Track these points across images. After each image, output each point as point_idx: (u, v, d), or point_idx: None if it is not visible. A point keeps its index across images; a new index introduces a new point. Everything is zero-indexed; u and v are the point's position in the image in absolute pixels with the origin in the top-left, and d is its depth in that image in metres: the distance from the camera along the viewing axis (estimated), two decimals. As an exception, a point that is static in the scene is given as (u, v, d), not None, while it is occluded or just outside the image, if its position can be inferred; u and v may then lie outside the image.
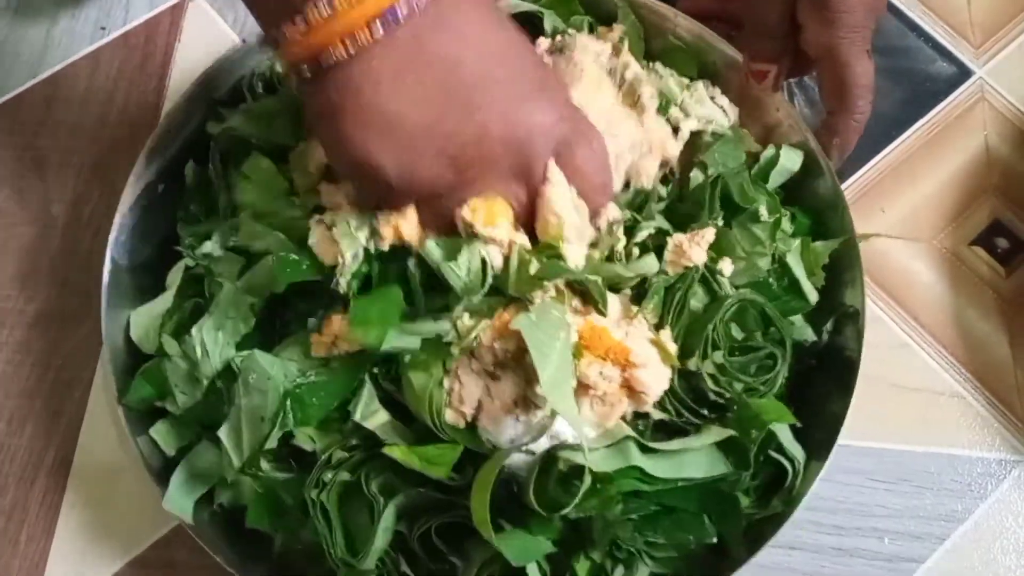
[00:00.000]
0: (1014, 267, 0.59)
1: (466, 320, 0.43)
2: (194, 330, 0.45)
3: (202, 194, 0.51)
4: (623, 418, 0.44)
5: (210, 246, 0.47)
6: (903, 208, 0.60)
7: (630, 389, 0.43)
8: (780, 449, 0.46)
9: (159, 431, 0.47)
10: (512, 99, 0.40)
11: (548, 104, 0.41)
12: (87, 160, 0.61)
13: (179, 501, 0.46)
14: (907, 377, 0.56)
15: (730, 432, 0.44)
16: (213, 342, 0.45)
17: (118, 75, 0.64)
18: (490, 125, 0.39)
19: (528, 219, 0.43)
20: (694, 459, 0.44)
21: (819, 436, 0.47)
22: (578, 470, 0.41)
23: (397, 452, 0.42)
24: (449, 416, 0.43)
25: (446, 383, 0.43)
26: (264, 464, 0.44)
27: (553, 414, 0.43)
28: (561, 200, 0.42)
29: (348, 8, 0.36)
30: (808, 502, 0.52)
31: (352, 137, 0.39)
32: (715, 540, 0.44)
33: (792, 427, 0.46)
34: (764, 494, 0.46)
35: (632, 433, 0.43)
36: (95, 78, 0.64)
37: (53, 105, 0.63)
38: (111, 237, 0.50)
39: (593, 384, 0.43)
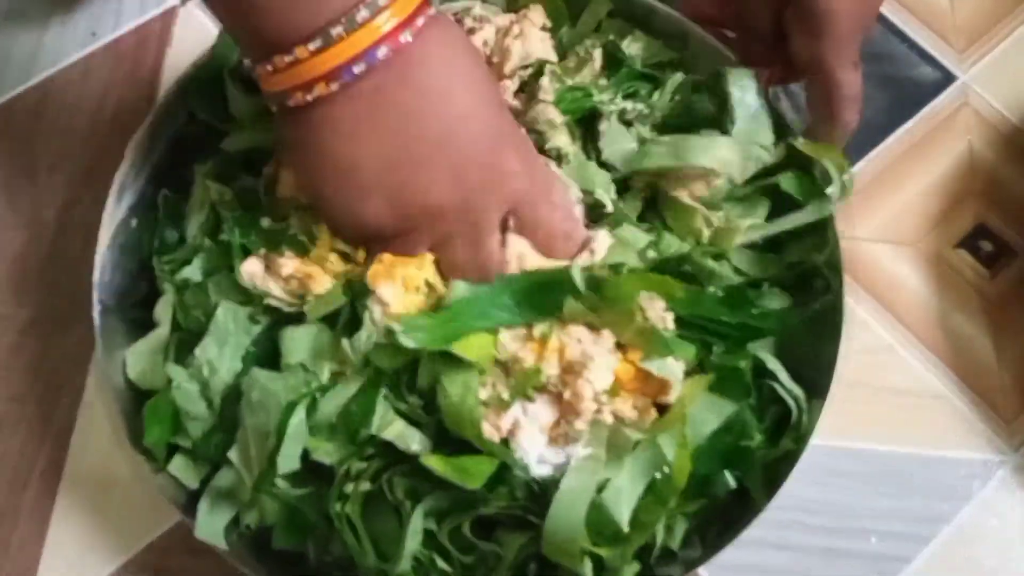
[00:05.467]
0: (998, 270, 0.60)
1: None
2: (197, 351, 0.45)
3: (177, 223, 0.51)
4: None
5: (189, 271, 0.48)
6: (888, 212, 0.61)
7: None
8: (777, 381, 0.47)
9: (177, 466, 0.46)
10: (467, 157, 0.41)
11: (503, 163, 0.42)
12: (78, 165, 0.61)
13: (209, 529, 0.45)
14: (892, 379, 0.57)
15: (732, 406, 0.45)
16: (219, 358, 0.45)
17: (109, 81, 0.64)
18: (439, 180, 0.41)
19: (480, 274, 0.43)
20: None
21: (818, 380, 0.48)
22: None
23: (435, 463, 0.42)
24: (485, 429, 0.43)
25: (483, 394, 0.43)
26: (281, 482, 0.44)
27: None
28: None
29: (309, 58, 0.38)
30: (795, 503, 0.53)
31: (307, 171, 0.42)
32: (735, 486, 0.46)
33: (790, 371, 0.47)
34: (773, 436, 0.47)
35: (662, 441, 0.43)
36: (86, 84, 0.64)
37: (44, 111, 0.63)
38: (95, 277, 0.49)
39: (629, 417, 0.43)
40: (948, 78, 0.65)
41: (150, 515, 0.52)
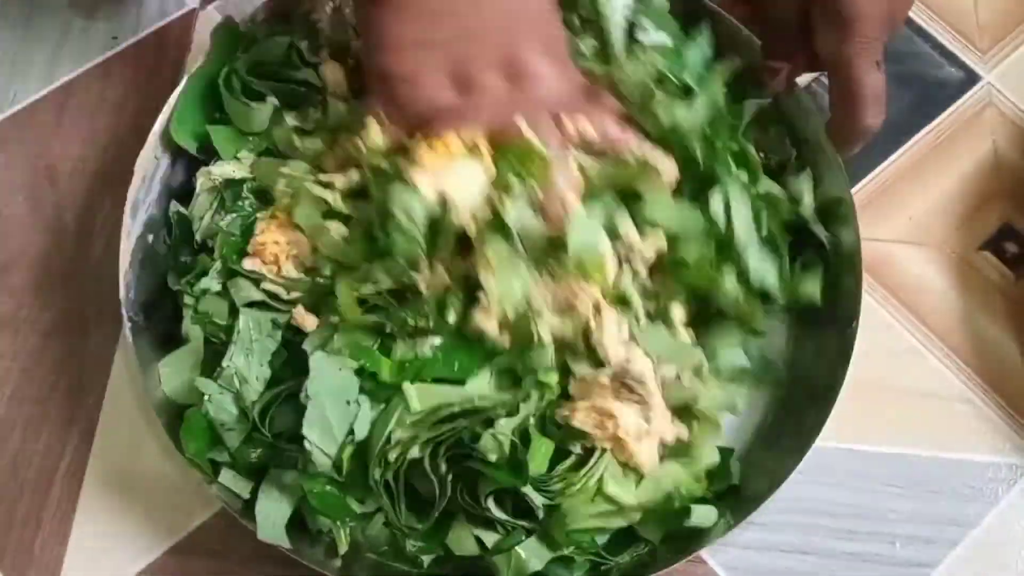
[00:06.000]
0: (1023, 271, 0.59)
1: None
2: (225, 362, 0.46)
3: (188, 236, 0.52)
4: None
5: (207, 281, 0.48)
6: (911, 213, 0.61)
7: None
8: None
9: (227, 478, 0.47)
10: (523, 42, 0.46)
11: (555, 60, 0.46)
12: (99, 168, 0.62)
13: (271, 531, 0.46)
14: (917, 382, 0.56)
15: None
16: (247, 367, 0.46)
17: (130, 84, 0.64)
18: (494, 54, 0.45)
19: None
20: None
21: (822, 381, 0.48)
22: None
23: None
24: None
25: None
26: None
27: None
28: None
29: None
30: (820, 506, 0.53)
31: (375, 48, 0.46)
32: (738, 482, 0.48)
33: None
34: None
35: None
36: (107, 87, 0.64)
37: (65, 114, 0.63)
38: (121, 295, 0.50)
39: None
40: (972, 78, 0.64)
41: (172, 518, 0.53)
